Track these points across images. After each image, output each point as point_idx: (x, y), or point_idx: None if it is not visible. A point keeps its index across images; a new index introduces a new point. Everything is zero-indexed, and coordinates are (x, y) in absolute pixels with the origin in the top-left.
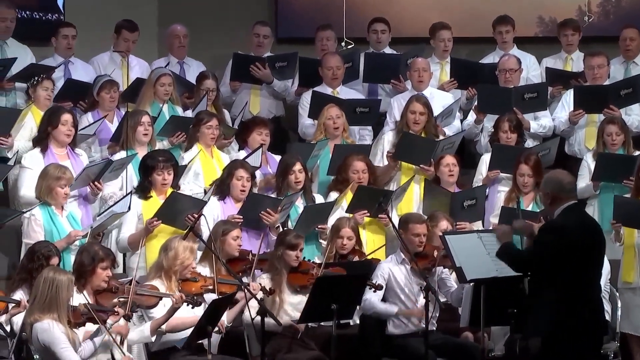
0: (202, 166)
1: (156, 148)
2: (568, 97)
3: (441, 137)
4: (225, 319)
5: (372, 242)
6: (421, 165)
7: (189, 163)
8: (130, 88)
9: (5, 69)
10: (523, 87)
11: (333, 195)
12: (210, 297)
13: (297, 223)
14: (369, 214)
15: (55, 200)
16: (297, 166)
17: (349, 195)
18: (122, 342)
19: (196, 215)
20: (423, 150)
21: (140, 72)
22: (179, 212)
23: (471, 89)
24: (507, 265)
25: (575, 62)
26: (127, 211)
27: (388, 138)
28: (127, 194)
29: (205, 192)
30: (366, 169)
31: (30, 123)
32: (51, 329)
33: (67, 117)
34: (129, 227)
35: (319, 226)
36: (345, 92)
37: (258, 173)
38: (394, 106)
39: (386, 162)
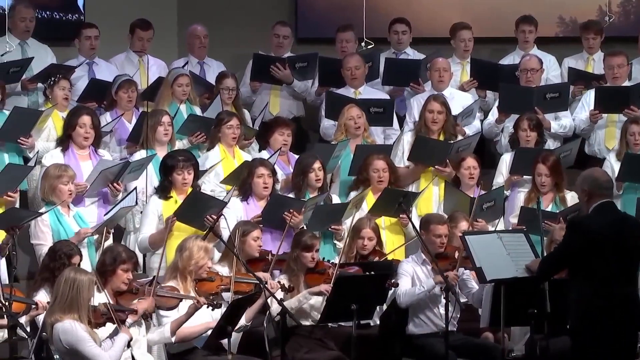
0: (224, 166)
1: (176, 148)
2: (588, 97)
3: (460, 138)
4: (244, 318)
5: (391, 242)
6: (436, 167)
7: (211, 168)
8: (150, 88)
9: (22, 69)
10: (545, 87)
11: (354, 195)
12: (227, 296)
13: (309, 222)
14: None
15: (60, 198)
16: (317, 164)
17: (369, 198)
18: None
19: (215, 217)
20: (437, 152)
21: (158, 72)
22: (199, 211)
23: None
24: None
25: (596, 62)
26: (135, 205)
27: (407, 139)
28: (133, 189)
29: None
30: (387, 168)
31: (48, 124)
32: (74, 329)
33: (85, 119)
34: (149, 228)
35: (333, 227)
36: (368, 92)
37: (280, 173)
38: (414, 106)
39: (406, 162)
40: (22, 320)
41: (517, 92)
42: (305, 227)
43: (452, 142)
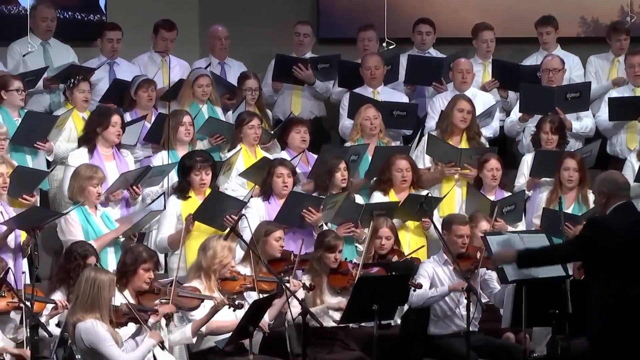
0: (246, 166)
1: (197, 148)
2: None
3: (482, 140)
4: (267, 317)
5: (415, 244)
6: (446, 167)
7: (227, 159)
8: (172, 89)
9: (37, 77)
10: (566, 87)
11: (377, 196)
12: (250, 295)
13: (336, 213)
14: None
15: (88, 199)
16: (343, 164)
17: (392, 196)
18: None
19: (235, 217)
20: (448, 155)
21: (181, 73)
22: (219, 211)
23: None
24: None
25: (621, 64)
26: (163, 209)
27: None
28: (162, 193)
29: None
30: (410, 168)
31: (69, 124)
32: (95, 328)
33: (116, 118)
34: (168, 228)
35: (350, 227)
36: (386, 92)
37: (298, 172)
38: (436, 105)
39: (426, 163)
40: (43, 319)
41: (538, 92)
42: (324, 226)
43: (462, 149)
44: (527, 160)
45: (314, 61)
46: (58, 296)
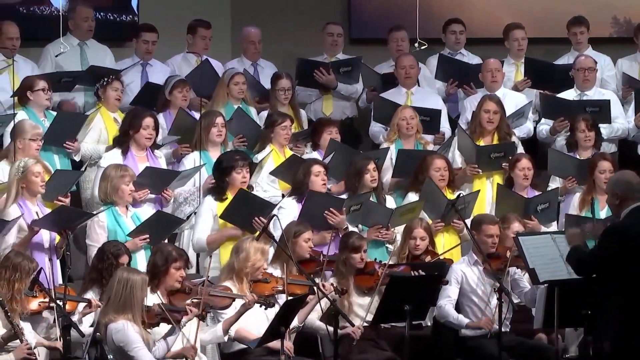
0: (276, 165)
1: (229, 149)
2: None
3: (514, 139)
4: (297, 319)
5: (449, 244)
6: (468, 167)
7: (259, 162)
8: (199, 78)
9: (74, 80)
10: (584, 102)
11: (411, 197)
12: (281, 297)
13: (367, 215)
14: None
15: (122, 198)
16: (372, 165)
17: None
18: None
19: (264, 219)
20: (469, 151)
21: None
22: (247, 212)
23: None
24: (573, 269)
25: None
26: (186, 220)
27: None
28: (195, 191)
29: (283, 196)
30: (447, 167)
31: (99, 124)
32: (125, 329)
33: (149, 121)
34: (204, 228)
35: (381, 231)
36: (420, 92)
37: None
38: (467, 107)
39: (457, 164)
40: (75, 317)
41: (557, 103)
42: (349, 228)
43: (479, 146)
44: None
45: (336, 65)
46: (90, 296)
